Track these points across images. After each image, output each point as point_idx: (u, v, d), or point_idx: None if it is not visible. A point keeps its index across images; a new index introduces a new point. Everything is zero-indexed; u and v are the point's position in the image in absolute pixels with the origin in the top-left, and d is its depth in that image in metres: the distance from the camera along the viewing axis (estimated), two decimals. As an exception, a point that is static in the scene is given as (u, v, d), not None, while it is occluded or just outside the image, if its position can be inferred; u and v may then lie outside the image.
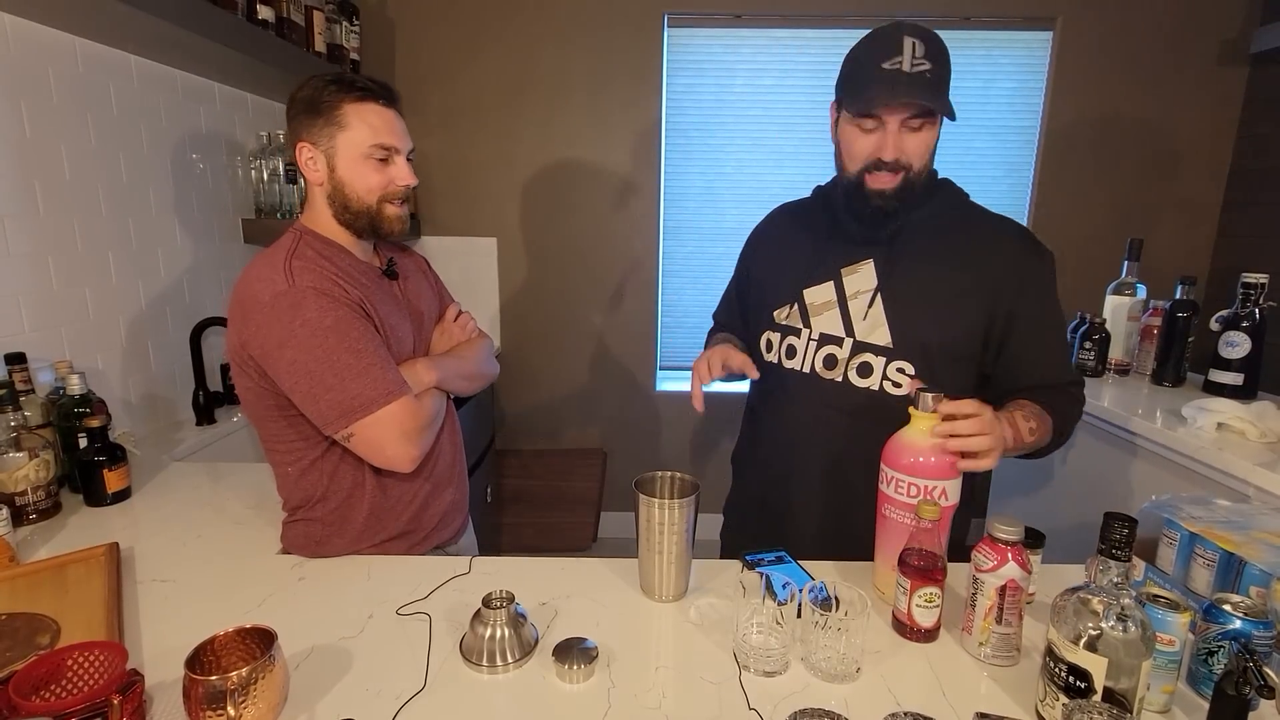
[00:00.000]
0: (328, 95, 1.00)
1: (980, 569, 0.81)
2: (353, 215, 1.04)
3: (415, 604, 0.93)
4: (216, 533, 1.15)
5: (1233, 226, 2.52)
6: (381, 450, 1.00)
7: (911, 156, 1.01)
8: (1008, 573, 0.79)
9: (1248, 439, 1.48)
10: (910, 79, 0.95)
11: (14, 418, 1.18)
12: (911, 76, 0.95)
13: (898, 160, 1.00)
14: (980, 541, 0.82)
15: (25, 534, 1.13)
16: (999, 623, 0.81)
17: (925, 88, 0.95)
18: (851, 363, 1.09)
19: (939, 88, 0.97)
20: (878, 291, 1.07)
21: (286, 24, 1.91)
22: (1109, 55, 2.46)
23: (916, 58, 0.95)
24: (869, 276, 1.08)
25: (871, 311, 1.07)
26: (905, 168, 1.01)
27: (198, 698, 0.66)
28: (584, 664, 0.78)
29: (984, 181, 2.63)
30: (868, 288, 1.08)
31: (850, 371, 1.09)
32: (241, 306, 0.97)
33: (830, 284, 1.11)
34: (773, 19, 2.50)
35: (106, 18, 1.37)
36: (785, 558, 0.99)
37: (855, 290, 1.09)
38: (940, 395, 0.89)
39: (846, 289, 1.10)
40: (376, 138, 1.02)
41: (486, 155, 2.62)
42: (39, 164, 1.40)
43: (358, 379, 0.95)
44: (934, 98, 0.96)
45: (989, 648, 0.82)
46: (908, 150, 1.00)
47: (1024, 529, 0.81)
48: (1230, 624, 0.75)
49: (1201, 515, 0.93)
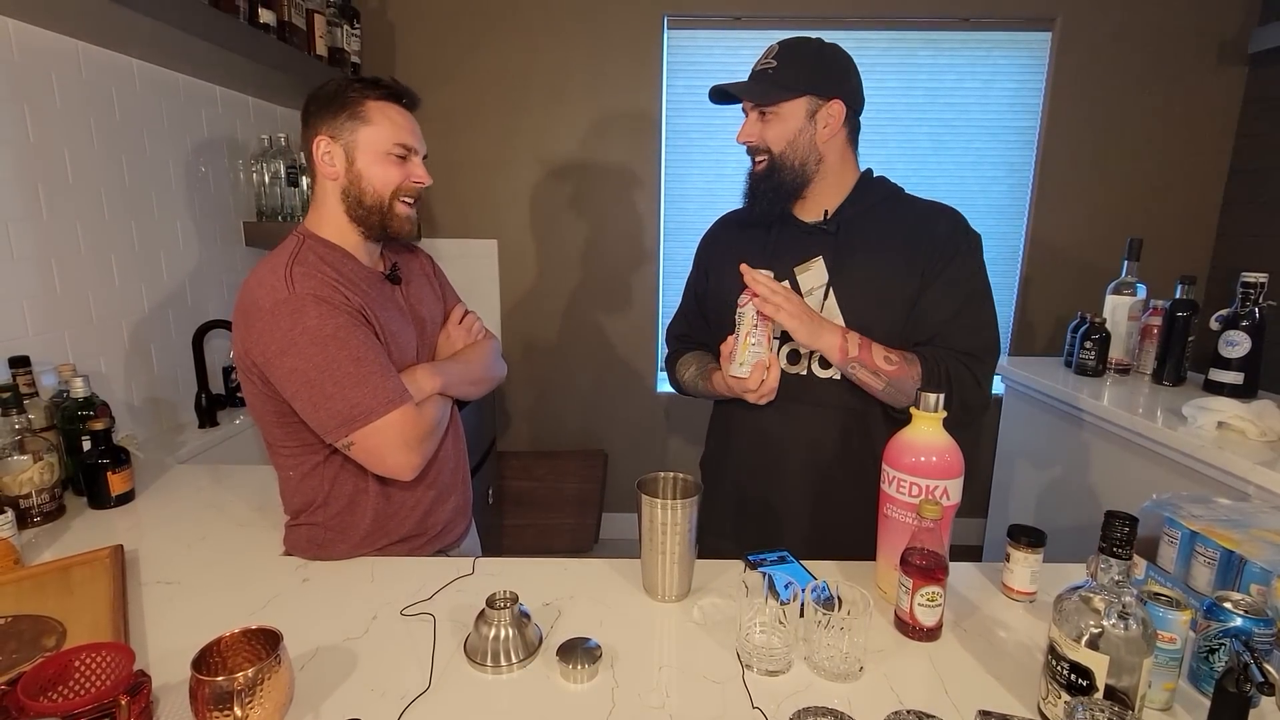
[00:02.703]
0: (353, 91, 1.01)
1: (742, 304, 1.06)
2: (365, 211, 1.04)
3: (419, 605, 0.93)
4: (220, 534, 1.16)
5: (1232, 226, 2.52)
6: (382, 459, 0.99)
7: (767, 142, 1.12)
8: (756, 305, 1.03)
9: (1248, 438, 1.48)
10: (753, 76, 1.11)
11: (18, 421, 1.19)
12: (754, 74, 1.11)
13: (754, 145, 1.14)
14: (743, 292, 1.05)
15: (30, 537, 1.14)
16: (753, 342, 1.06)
17: (755, 81, 1.10)
18: (814, 356, 1.16)
19: (772, 80, 1.09)
20: (829, 286, 1.13)
21: (288, 27, 1.92)
22: (1108, 55, 2.46)
23: (767, 59, 1.10)
24: (820, 273, 1.14)
25: (826, 305, 1.13)
26: (765, 151, 1.12)
27: (204, 698, 0.66)
28: (588, 664, 0.78)
29: (984, 181, 2.63)
30: (820, 283, 1.14)
31: (813, 364, 1.16)
32: (244, 313, 0.97)
33: (785, 283, 1.14)
34: (772, 20, 2.51)
35: (109, 22, 1.38)
36: (788, 558, 0.99)
37: (809, 287, 1.14)
38: (942, 395, 0.90)
39: (801, 286, 1.15)
40: (398, 136, 1.03)
41: (487, 157, 2.63)
42: (42, 168, 1.41)
43: (358, 387, 0.95)
44: (747, 87, 1.10)
45: (746, 365, 1.06)
46: (763, 137, 1.12)
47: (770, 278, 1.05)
48: (1231, 622, 0.75)
49: (1202, 514, 0.93)
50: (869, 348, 1.07)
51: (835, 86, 1.09)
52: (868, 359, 1.07)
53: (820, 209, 1.16)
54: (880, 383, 1.08)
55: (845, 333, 1.08)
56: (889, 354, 1.08)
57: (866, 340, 1.08)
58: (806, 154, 1.11)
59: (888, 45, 2.53)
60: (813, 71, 1.08)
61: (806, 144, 1.10)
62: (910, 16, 2.47)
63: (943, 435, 0.91)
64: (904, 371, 1.07)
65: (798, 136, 1.10)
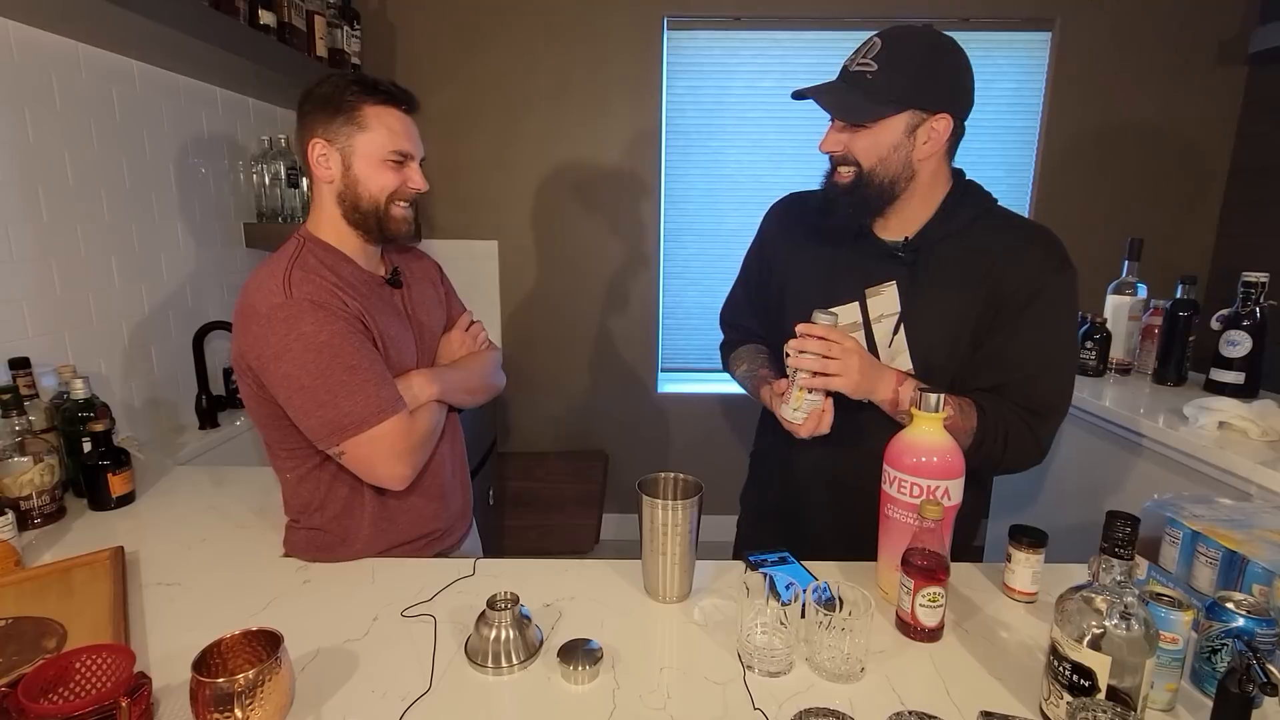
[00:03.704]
0: (350, 95, 0.99)
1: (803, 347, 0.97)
2: (361, 215, 1.03)
3: (420, 606, 0.93)
4: (221, 536, 1.16)
5: (1233, 225, 2.52)
6: (372, 469, 0.99)
7: (856, 154, 0.99)
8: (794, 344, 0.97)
9: (1249, 438, 1.48)
10: (847, 78, 0.97)
11: (18, 422, 1.19)
12: (850, 75, 0.97)
13: (844, 155, 1.00)
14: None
15: (30, 538, 1.13)
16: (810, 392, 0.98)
17: (850, 88, 0.96)
18: None
19: (869, 91, 0.95)
20: (901, 319, 1.05)
21: (288, 29, 1.92)
22: (1108, 56, 2.46)
23: (863, 57, 0.95)
24: (892, 300, 1.05)
25: (896, 339, 1.05)
26: (853, 164, 1.00)
27: (205, 700, 0.66)
28: (589, 665, 0.78)
29: (984, 182, 2.57)
30: (891, 312, 1.05)
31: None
32: (242, 316, 0.96)
33: (855, 304, 1.08)
34: (772, 21, 2.51)
35: (109, 24, 1.38)
36: (788, 558, 0.99)
37: (879, 314, 1.06)
38: (943, 396, 0.90)
39: (870, 311, 1.07)
40: (395, 143, 1.01)
41: (487, 158, 2.63)
42: (42, 170, 1.41)
43: (350, 396, 0.94)
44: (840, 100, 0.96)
45: (801, 411, 0.99)
46: (850, 148, 0.99)
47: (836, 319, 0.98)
48: (1233, 622, 0.75)
49: (1204, 514, 0.93)
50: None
51: (944, 97, 0.96)
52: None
53: (903, 227, 1.05)
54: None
55: (900, 381, 0.99)
56: (946, 403, 0.94)
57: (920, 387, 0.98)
58: (899, 171, 0.99)
59: (888, 46, 2.52)
60: (918, 80, 0.94)
61: (901, 161, 0.98)
62: (910, 17, 2.47)
63: (944, 435, 0.90)
64: (957, 425, 0.98)
65: (892, 154, 0.97)
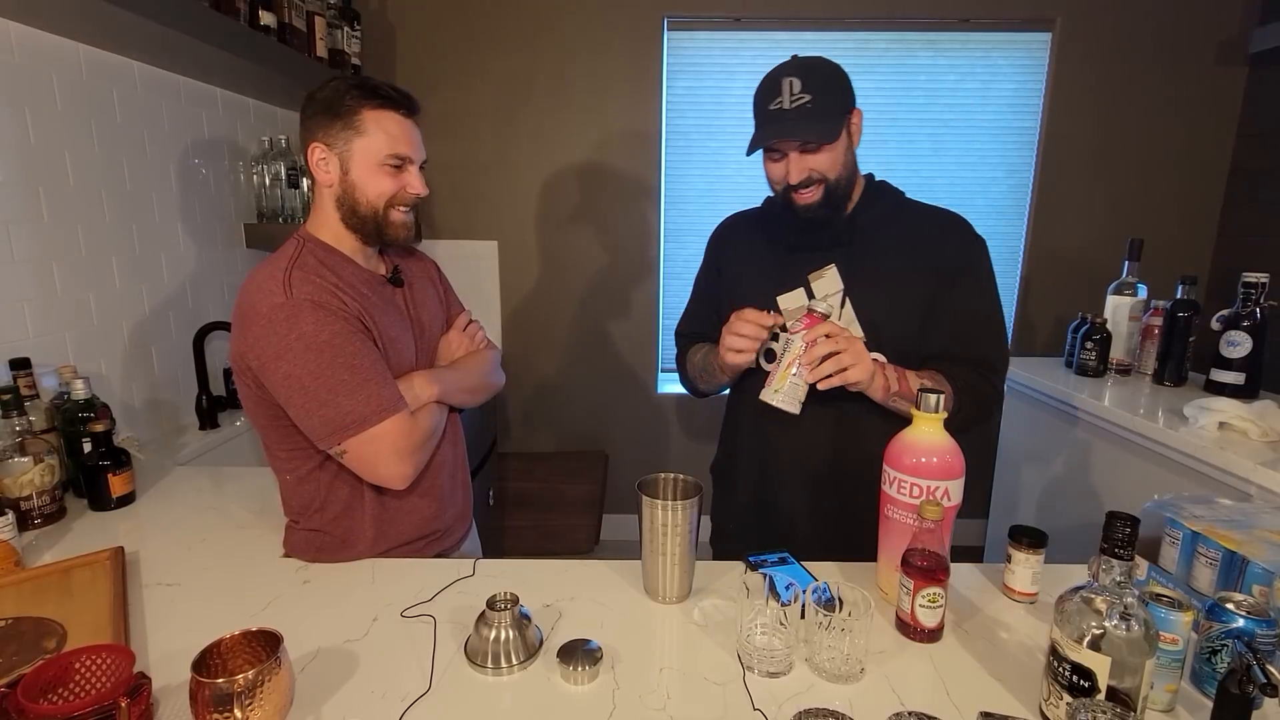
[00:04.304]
0: (349, 99, 0.99)
1: (793, 331, 1.02)
2: (360, 219, 1.03)
3: (420, 606, 0.93)
4: (221, 536, 1.16)
5: (1233, 226, 2.52)
6: (374, 468, 0.99)
7: (822, 170, 1.08)
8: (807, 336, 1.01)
9: (1249, 438, 1.48)
10: (793, 114, 1.05)
11: (19, 423, 1.19)
12: (793, 112, 1.05)
13: (809, 177, 1.08)
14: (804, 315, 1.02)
15: (30, 539, 1.13)
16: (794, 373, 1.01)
17: (804, 119, 1.05)
18: None
19: (819, 115, 1.05)
20: (845, 294, 1.15)
21: (288, 29, 1.92)
22: (1107, 56, 2.46)
23: (794, 94, 1.05)
24: (834, 280, 1.15)
25: (844, 313, 1.14)
26: (820, 180, 1.09)
27: (204, 700, 0.66)
28: (588, 665, 0.78)
29: (984, 182, 2.63)
30: (835, 289, 1.15)
31: None
32: (241, 316, 0.96)
33: (800, 290, 1.17)
34: (772, 21, 2.51)
35: (110, 24, 1.38)
36: (788, 559, 0.99)
37: (824, 294, 1.16)
38: (943, 396, 0.90)
39: (816, 293, 1.17)
40: (393, 148, 1.01)
41: (487, 159, 2.63)
42: (43, 170, 1.41)
43: (351, 395, 0.94)
44: (810, 128, 1.05)
45: (782, 394, 1.01)
46: (817, 167, 1.08)
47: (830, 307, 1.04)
48: (1233, 623, 0.75)
49: (1204, 514, 0.93)
50: (905, 379, 1.09)
51: (852, 96, 1.10)
52: (906, 390, 1.08)
53: None
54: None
55: (883, 367, 1.07)
56: (924, 381, 1.09)
57: (902, 371, 1.10)
58: (850, 169, 1.12)
59: (887, 46, 2.53)
60: (839, 91, 1.08)
61: (850, 160, 1.11)
62: (910, 17, 2.47)
63: (944, 436, 0.90)
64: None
65: (844, 156, 1.10)
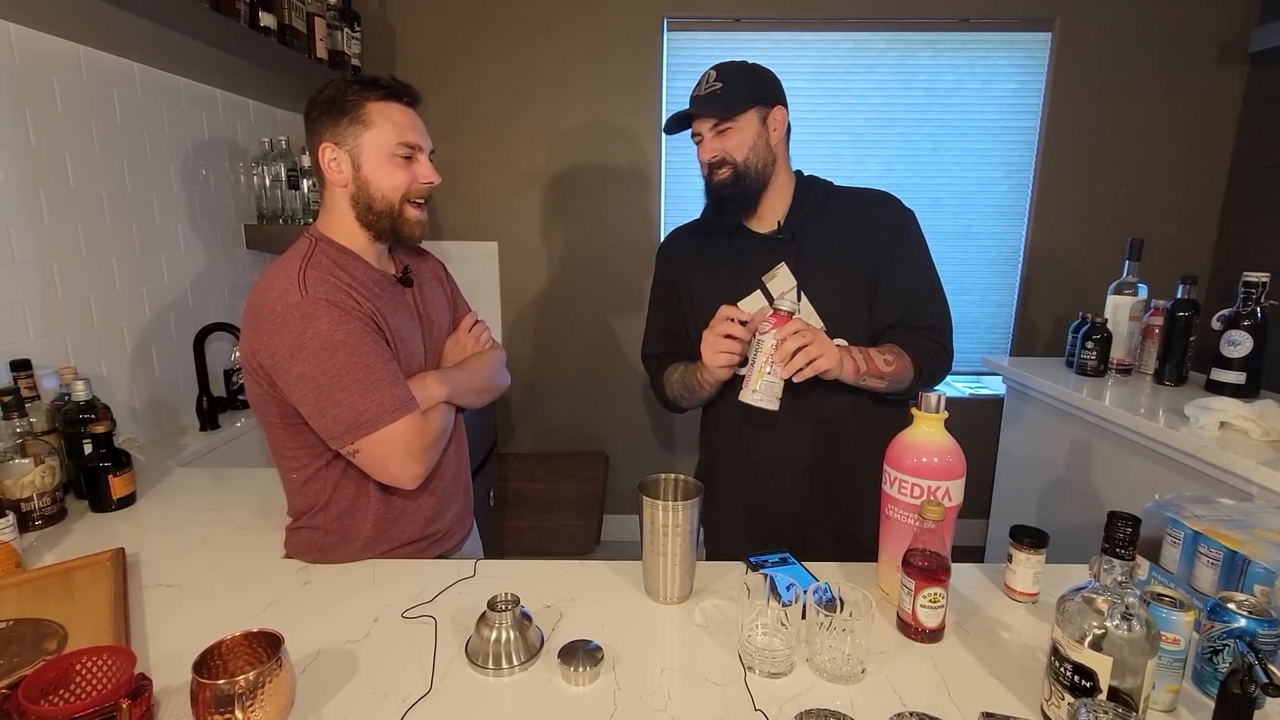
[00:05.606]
0: (351, 95, 1.00)
1: (762, 331, 1.04)
2: (375, 216, 1.03)
3: (420, 607, 0.93)
4: (221, 538, 1.16)
5: (1233, 225, 2.52)
6: (386, 468, 0.99)
7: (729, 151, 1.17)
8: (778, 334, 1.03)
9: (1250, 438, 1.48)
10: (706, 99, 1.15)
11: (19, 424, 1.19)
12: (705, 97, 1.16)
13: (721, 159, 1.17)
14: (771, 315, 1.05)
15: (31, 540, 1.13)
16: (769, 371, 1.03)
17: (710, 101, 1.15)
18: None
19: (724, 98, 1.15)
20: (799, 289, 1.20)
21: (288, 30, 1.92)
22: (1107, 56, 2.46)
23: (710, 83, 1.15)
24: (787, 277, 1.21)
25: (802, 305, 1.20)
26: (730, 162, 1.17)
27: (205, 702, 0.66)
28: (589, 666, 0.78)
29: (984, 182, 2.63)
30: (789, 286, 1.20)
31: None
32: (255, 314, 0.96)
33: (757, 292, 1.22)
34: (772, 22, 2.51)
35: (110, 26, 1.38)
36: (789, 559, 0.99)
37: (780, 292, 1.20)
38: (943, 396, 0.90)
39: (773, 292, 1.21)
40: (401, 135, 1.02)
41: (487, 159, 2.63)
42: (43, 172, 1.41)
43: (365, 395, 0.94)
44: (711, 106, 1.15)
45: (760, 393, 1.03)
46: (725, 148, 1.17)
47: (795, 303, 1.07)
48: (1235, 622, 0.75)
49: (1205, 514, 0.93)
50: (870, 358, 1.14)
51: (775, 94, 1.19)
52: (874, 369, 1.14)
53: (771, 219, 1.23)
54: (884, 383, 1.15)
55: (848, 351, 1.12)
56: (885, 356, 1.15)
57: (865, 351, 1.15)
58: (765, 158, 1.18)
59: (887, 46, 2.53)
60: (752, 85, 1.17)
61: (764, 148, 1.18)
62: (910, 17, 2.47)
63: (944, 436, 0.90)
64: (900, 366, 1.16)
65: (756, 142, 1.17)
